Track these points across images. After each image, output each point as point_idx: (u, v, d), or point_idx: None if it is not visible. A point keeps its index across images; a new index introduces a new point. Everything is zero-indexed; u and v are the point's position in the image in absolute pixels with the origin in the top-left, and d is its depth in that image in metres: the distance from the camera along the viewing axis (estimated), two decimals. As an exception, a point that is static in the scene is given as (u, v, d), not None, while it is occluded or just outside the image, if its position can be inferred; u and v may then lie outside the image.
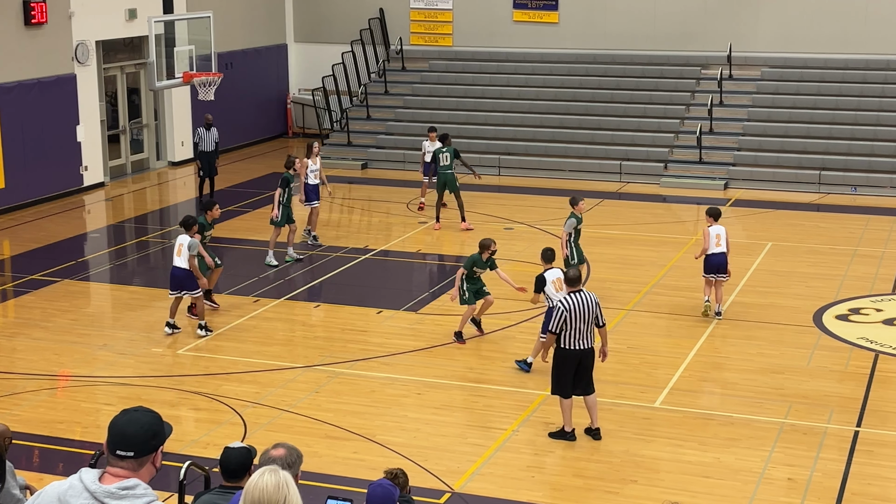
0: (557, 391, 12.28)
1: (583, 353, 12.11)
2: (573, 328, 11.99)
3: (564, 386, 12.21)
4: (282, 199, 19.15)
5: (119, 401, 13.54)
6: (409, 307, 17.26)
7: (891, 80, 27.45)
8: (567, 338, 12.04)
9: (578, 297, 12.04)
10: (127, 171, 27.47)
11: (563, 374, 12.16)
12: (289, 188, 19.28)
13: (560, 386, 12.24)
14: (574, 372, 12.15)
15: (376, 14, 31.74)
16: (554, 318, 12.07)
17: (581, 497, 11.23)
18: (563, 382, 12.21)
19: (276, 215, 19.15)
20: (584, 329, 12.03)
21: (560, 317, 11.97)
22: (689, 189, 25.37)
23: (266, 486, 4.52)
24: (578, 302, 11.99)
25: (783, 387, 13.96)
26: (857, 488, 11.26)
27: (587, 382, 12.26)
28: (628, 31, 29.74)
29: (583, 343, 12.08)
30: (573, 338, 12.03)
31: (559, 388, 12.26)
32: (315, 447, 12.09)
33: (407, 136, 28.63)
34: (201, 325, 15.89)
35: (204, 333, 15.81)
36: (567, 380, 12.17)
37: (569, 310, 11.95)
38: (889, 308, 16.97)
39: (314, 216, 20.72)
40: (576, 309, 11.95)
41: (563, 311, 11.97)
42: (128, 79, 27.46)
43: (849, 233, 21.55)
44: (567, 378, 12.16)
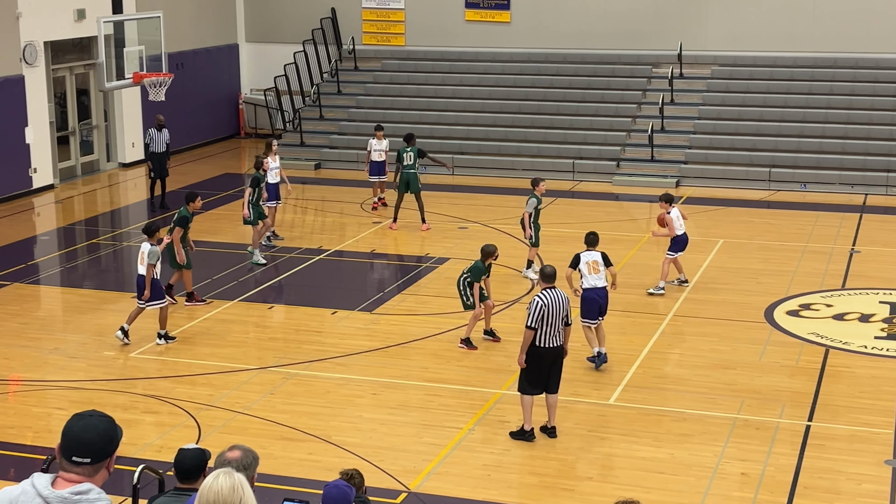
0: (524, 389, 12.22)
1: (553, 350, 12.10)
2: (547, 324, 11.98)
3: (532, 384, 12.16)
4: (251, 199, 19.14)
5: (71, 405, 13.40)
6: (363, 307, 17.23)
7: (838, 77, 27.79)
8: (540, 335, 12.01)
9: (553, 293, 12.06)
10: (77, 173, 27.19)
11: (534, 372, 12.12)
12: (259, 188, 19.28)
13: (528, 383, 12.19)
14: (547, 370, 12.12)
15: (328, 14, 31.66)
16: (532, 313, 12.00)
17: (537, 495, 11.27)
18: (531, 380, 12.17)
19: (248, 215, 19.11)
20: (556, 327, 12.03)
21: (538, 311, 11.94)
22: (642, 187, 25.54)
23: (221, 488, 4.49)
24: (553, 298, 12.00)
25: (735, 382, 14.09)
26: (809, 482, 11.39)
27: (554, 382, 12.24)
28: (580, 30, 29.87)
29: (553, 340, 12.08)
30: (545, 335, 12.02)
31: (527, 385, 12.20)
32: (270, 449, 12.04)
33: (360, 135, 28.55)
34: (160, 334, 15.55)
35: (163, 342, 15.51)
36: (536, 378, 12.14)
37: (546, 304, 11.95)
38: (839, 303, 17.18)
39: (273, 215, 20.62)
40: (551, 305, 11.96)
41: (541, 305, 11.95)
42: (77, 80, 27.18)
43: (798, 229, 21.79)
44: (536, 376, 12.13)
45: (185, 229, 16.79)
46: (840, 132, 26.30)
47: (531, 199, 18.09)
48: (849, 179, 25.08)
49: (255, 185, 19.30)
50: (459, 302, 15.47)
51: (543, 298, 11.98)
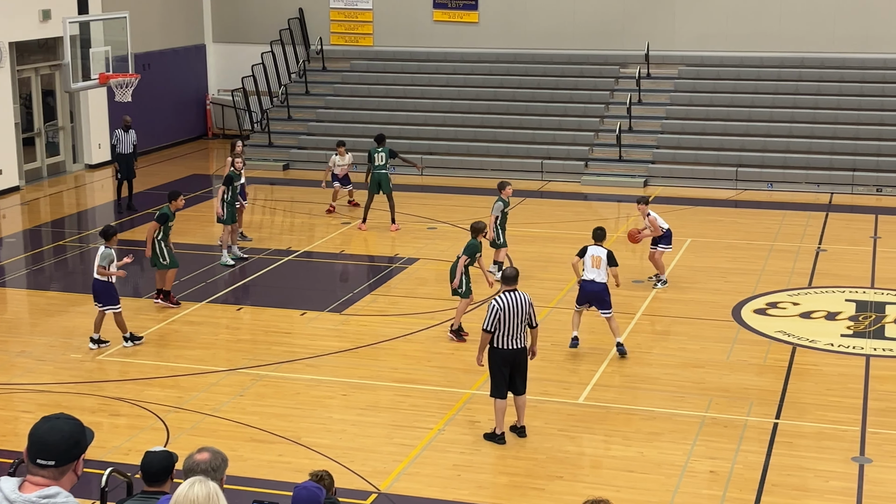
0: (494, 393, 12.22)
1: (515, 352, 12.09)
2: (506, 327, 11.97)
3: (500, 386, 12.17)
4: (225, 198, 19.07)
5: (38, 408, 13.30)
6: (333, 308, 17.20)
7: (804, 77, 27.99)
8: (500, 337, 12.01)
9: (513, 295, 12.04)
10: (43, 175, 26.99)
11: (497, 374, 12.14)
12: (232, 186, 19.21)
13: (496, 387, 12.20)
14: (510, 372, 12.13)
15: (296, 14, 31.58)
16: (487, 315, 12.02)
17: (507, 494, 11.28)
18: (498, 383, 12.17)
19: (221, 214, 19.05)
20: (517, 329, 12.01)
21: (494, 315, 11.94)
22: (610, 187, 25.62)
23: (196, 497, 4.47)
24: (512, 301, 11.98)
25: (704, 381, 14.16)
26: (777, 479, 11.46)
27: (520, 383, 12.25)
28: (548, 30, 29.94)
29: (515, 342, 12.05)
30: (506, 337, 12.01)
31: (495, 389, 12.21)
32: (240, 451, 11.99)
33: (329, 136, 28.51)
34: (125, 337, 15.39)
35: (129, 345, 15.39)
36: (502, 380, 12.14)
37: (502, 308, 11.93)
38: (806, 301, 17.30)
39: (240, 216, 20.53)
40: (509, 308, 11.94)
41: (497, 309, 11.93)
42: (42, 80, 26.98)
43: (765, 228, 21.93)
44: (502, 378, 12.14)
45: (163, 226, 16.75)
46: (806, 132, 26.49)
47: (497, 202, 18.18)
48: (815, 178, 25.27)
49: (228, 184, 19.26)
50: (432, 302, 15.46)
51: (500, 301, 11.96)
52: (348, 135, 28.40)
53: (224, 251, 19.33)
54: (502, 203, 18.14)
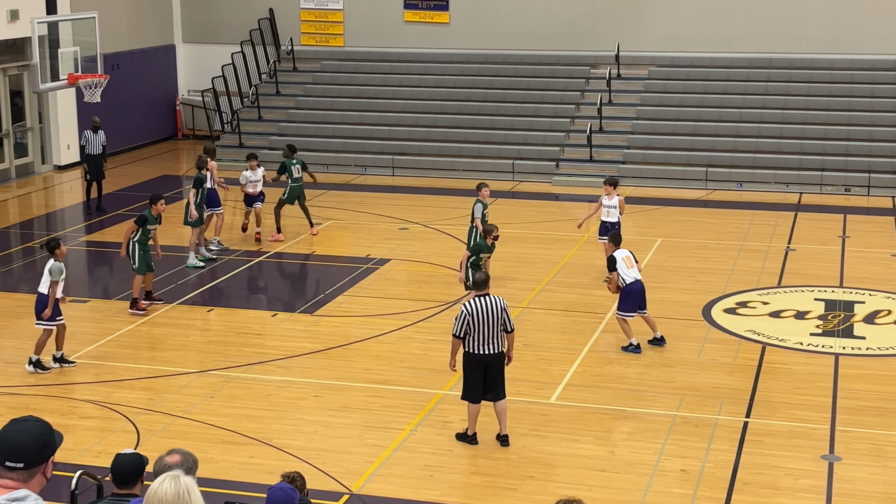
0: (465, 396, 12.16)
1: (489, 357, 11.97)
2: (478, 332, 11.86)
3: (472, 391, 12.08)
4: (196, 200, 18.98)
5: (7, 411, 13.19)
6: (304, 309, 17.15)
7: (773, 77, 28.16)
8: (472, 342, 11.92)
9: (484, 300, 11.93)
10: (11, 176, 26.78)
11: (471, 378, 12.05)
12: (202, 188, 19.11)
13: (468, 391, 12.13)
14: (483, 377, 12.03)
15: (266, 14, 31.48)
16: (456, 321, 11.95)
17: (479, 494, 11.29)
18: (470, 387, 12.09)
19: (194, 216, 18.94)
20: (491, 333, 11.89)
21: (462, 321, 11.86)
22: (581, 187, 25.68)
23: (165, 493, 4.42)
24: (484, 306, 11.87)
25: (674, 380, 14.22)
26: (748, 477, 11.52)
27: (498, 388, 12.15)
28: (518, 30, 29.98)
29: (489, 347, 11.94)
30: (479, 342, 11.90)
31: (467, 392, 12.14)
32: (211, 453, 11.94)
33: (300, 136, 28.43)
34: (31, 359, 14.42)
35: (32, 370, 14.35)
36: (475, 384, 12.05)
37: (471, 313, 11.83)
38: (775, 301, 17.40)
39: (220, 222, 20.34)
40: (478, 312, 11.83)
41: (465, 315, 11.85)
42: (10, 81, 26.77)
43: (735, 228, 22.05)
44: (475, 383, 12.04)
45: (141, 229, 16.59)
46: (775, 132, 26.66)
47: (477, 204, 18.05)
48: (784, 178, 25.43)
49: (198, 186, 19.19)
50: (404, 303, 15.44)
51: (469, 307, 11.88)
52: (319, 135, 28.39)
53: (191, 253, 19.23)
54: (482, 205, 18.01)
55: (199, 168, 19.60)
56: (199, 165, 19.66)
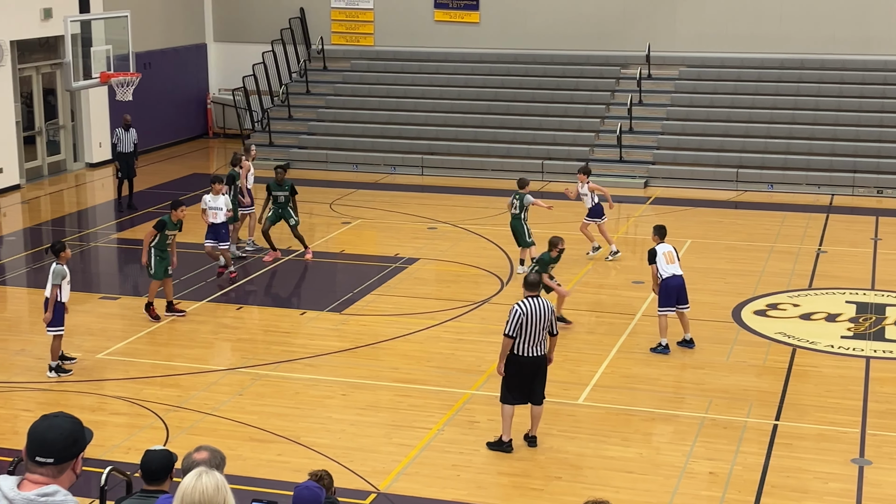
0: (504, 399, 12.01)
1: (534, 360, 11.88)
2: (528, 334, 11.74)
3: (513, 392, 11.96)
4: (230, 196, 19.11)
5: (38, 406, 13.30)
6: (332, 308, 17.19)
7: (805, 79, 27.99)
8: (520, 344, 11.79)
9: (536, 302, 11.83)
10: (43, 173, 26.99)
11: (514, 381, 11.93)
12: (235, 185, 19.17)
13: (507, 391, 11.99)
14: (527, 380, 11.92)
15: (297, 14, 31.58)
16: (510, 320, 11.74)
17: (506, 495, 11.28)
18: (511, 388, 11.96)
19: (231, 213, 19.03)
20: (538, 336, 11.79)
21: (516, 320, 11.69)
22: (610, 187, 25.47)
23: (206, 487, 4.45)
24: (535, 307, 11.76)
25: (703, 382, 14.15)
26: (777, 481, 11.46)
27: (540, 392, 12.05)
28: (548, 31, 29.94)
29: (535, 350, 11.85)
30: (527, 344, 11.78)
31: (506, 395, 12.00)
32: (239, 450, 11.99)
33: (329, 136, 28.54)
34: (50, 366, 14.29)
35: (54, 375, 14.22)
36: (516, 387, 11.93)
37: (525, 313, 11.70)
38: (806, 303, 17.30)
39: (252, 222, 20.29)
40: (532, 314, 11.72)
41: (519, 314, 11.68)
42: (43, 79, 26.98)
43: (766, 229, 21.92)
44: (516, 386, 11.92)
45: (160, 234, 16.22)
46: (807, 133, 26.49)
47: (525, 197, 18.83)
48: (815, 180, 25.27)
49: (230, 182, 19.27)
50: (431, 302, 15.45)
51: (522, 307, 11.73)
52: (349, 134, 28.44)
53: (232, 245, 19.35)
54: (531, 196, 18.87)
55: (234, 165, 19.70)
56: (234, 163, 19.77)
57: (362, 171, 27.00)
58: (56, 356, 14.35)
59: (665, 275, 15.05)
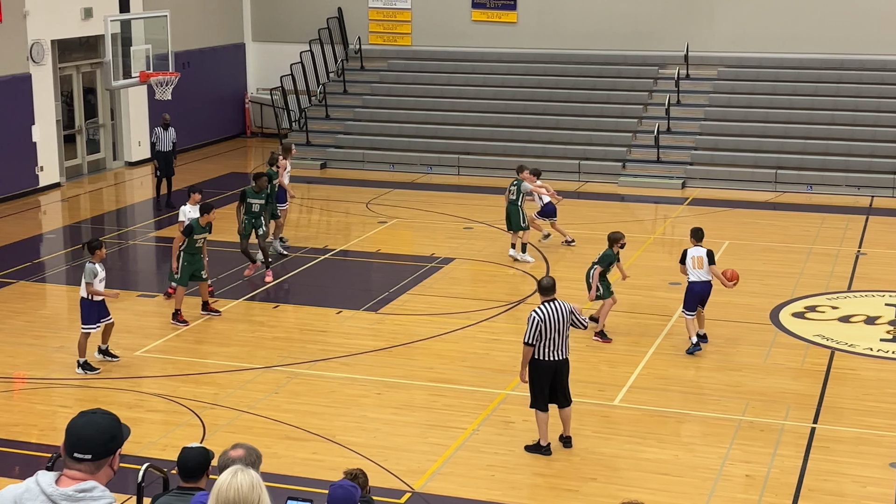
0: (535, 404, 12.03)
1: (558, 363, 11.89)
2: (548, 338, 11.75)
3: (541, 399, 11.97)
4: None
5: (76, 403, 13.42)
6: (368, 307, 17.23)
7: (845, 79, 27.75)
8: (542, 349, 11.79)
9: (553, 306, 11.82)
10: (83, 172, 27.23)
11: (539, 386, 11.94)
12: (271, 184, 19.28)
13: (537, 399, 12.01)
14: (551, 384, 11.95)
15: (335, 13, 31.67)
16: (528, 328, 11.76)
17: (541, 496, 11.26)
18: (538, 395, 11.97)
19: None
20: (559, 339, 11.79)
21: (535, 326, 11.71)
22: (647, 188, 25.51)
23: (241, 485, 4.47)
24: (553, 311, 11.76)
25: (740, 384, 14.07)
26: (814, 484, 11.37)
27: (564, 394, 12.06)
28: (586, 30, 29.85)
29: (558, 354, 11.84)
30: (549, 349, 11.79)
31: (536, 400, 12.01)
32: (274, 448, 12.04)
33: (366, 135, 28.61)
34: (79, 362, 14.40)
35: (82, 372, 14.32)
36: (543, 392, 11.95)
37: (543, 319, 11.70)
38: (844, 305, 17.15)
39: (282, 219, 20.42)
40: (550, 319, 11.72)
41: (537, 321, 11.68)
42: (84, 78, 27.21)
43: (804, 231, 21.76)
44: (543, 390, 11.94)
45: (189, 239, 16.12)
46: (846, 134, 26.26)
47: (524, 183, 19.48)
48: (855, 181, 25.05)
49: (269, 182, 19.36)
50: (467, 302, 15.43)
51: (540, 313, 11.75)
52: (385, 134, 28.48)
53: (276, 241, 19.42)
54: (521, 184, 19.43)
55: (271, 165, 19.78)
56: (271, 162, 19.85)
57: (399, 171, 27.05)
58: (83, 353, 14.42)
59: (691, 278, 15.13)
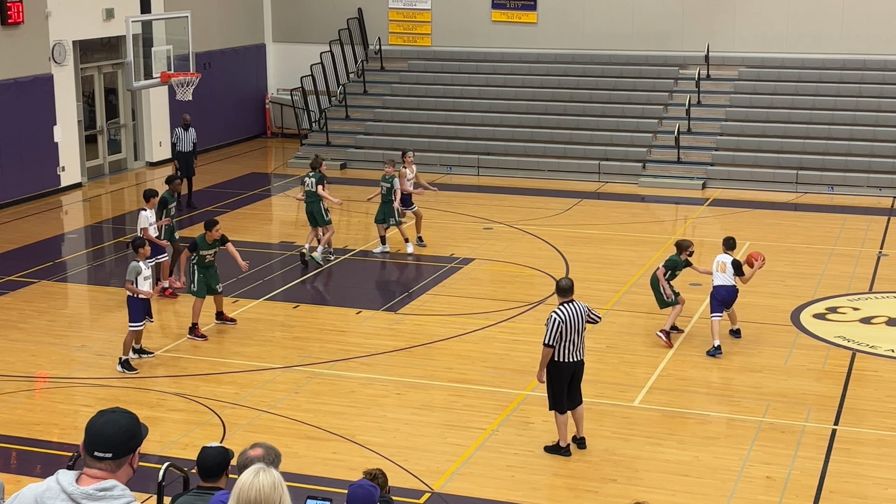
0: (555, 406, 12.02)
1: (576, 365, 11.89)
2: (568, 340, 11.75)
3: (560, 401, 11.97)
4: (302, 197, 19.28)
5: (97, 402, 13.48)
6: (388, 307, 17.24)
7: (867, 79, 27.61)
8: (562, 350, 11.79)
9: (572, 307, 11.81)
10: (104, 172, 27.34)
11: (559, 387, 11.93)
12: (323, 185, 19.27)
13: (556, 401, 12.00)
14: (568, 384, 11.95)
15: (355, 14, 31.71)
16: (550, 330, 11.73)
17: (560, 496, 11.24)
18: (558, 397, 11.97)
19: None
20: (577, 340, 11.80)
21: (556, 327, 11.69)
22: (668, 189, 25.44)
23: (262, 485, 4.48)
24: (571, 313, 11.76)
25: (761, 385, 14.01)
26: (835, 486, 11.32)
27: (579, 394, 12.07)
28: (606, 31, 29.80)
29: (576, 355, 11.85)
30: (568, 350, 11.79)
31: (556, 403, 12.00)
32: (294, 448, 12.06)
33: (386, 136, 28.63)
34: (120, 359, 14.57)
35: (121, 370, 14.44)
36: (562, 394, 11.95)
37: (564, 321, 11.70)
38: (866, 307, 17.06)
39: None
40: (570, 320, 11.71)
41: (558, 322, 11.67)
42: (105, 79, 27.33)
43: (826, 232, 21.66)
44: (562, 392, 11.94)
45: (195, 255, 15.80)
46: (868, 135, 26.12)
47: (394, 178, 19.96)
48: (877, 182, 24.92)
49: (321, 182, 19.40)
50: (486, 303, 15.38)
51: (560, 314, 11.72)
52: (405, 134, 28.49)
53: (320, 248, 19.39)
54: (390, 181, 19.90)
55: (314, 168, 19.74)
56: (314, 165, 19.81)
57: (419, 171, 26.97)
58: (127, 350, 14.61)
59: (715, 282, 15.26)
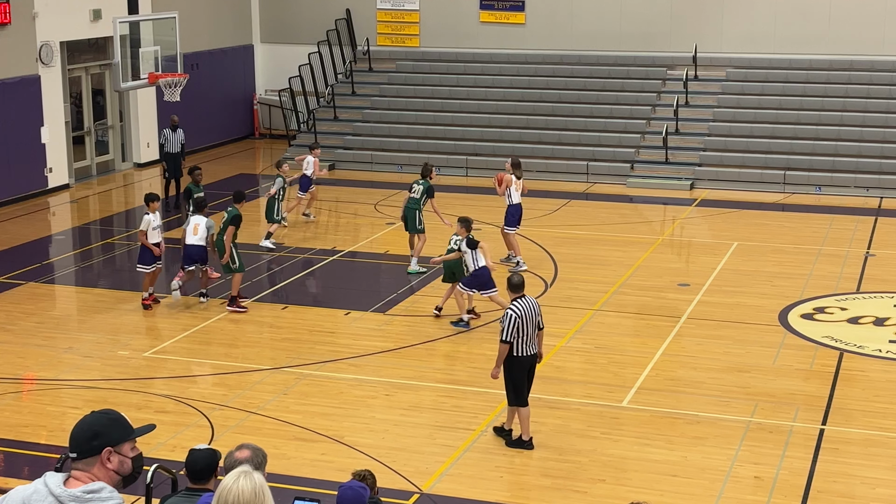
0: (516, 402, 12.09)
1: (531, 357, 12.03)
2: (524, 333, 11.87)
3: (521, 395, 12.05)
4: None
5: (85, 404, 13.44)
6: (377, 308, 17.23)
7: (854, 80, 27.69)
8: (520, 345, 11.90)
9: (526, 302, 11.98)
10: (92, 173, 27.28)
11: (519, 382, 12.02)
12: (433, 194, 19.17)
13: (518, 395, 12.07)
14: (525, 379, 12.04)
15: (343, 15, 31.69)
16: (506, 326, 11.84)
17: (549, 497, 11.25)
18: (519, 391, 12.05)
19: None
20: (532, 334, 11.95)
21: (513, 323, 11.80)
22: (656, 189, 25.48)
23: (242, 491, 4.36)
24: (525, 308, 11.91)
25: (749, 385, 14.04)
26: (823, 486, 11.35)
27: (529, 389, 12.16)
28: (594, 31, 29.83)
29: (531, 349, 11.98)
30: (525, 344, 11.91)
31: (517, 398, 12.08)
32: (283, 449, 12.05)
33: (374, 136, 28.62)
34: (202, 292, 17.27)
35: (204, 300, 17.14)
36: (523, 387, 12.04)
37: (520, 315, 11.83)
38: (853, 307, 17.12)
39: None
40: (525, 315, 11.85)
41: (514, 317, 11.80)
42: (92, 80, 27.27)
43: (813, 232, 21.72)
44: (522, 385, 12.04)
45: (237, 227, 17.07)
46: (855, 135, 26.20)
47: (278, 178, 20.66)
48: (864, 182, 24.99)
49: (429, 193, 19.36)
50: (477, 303, 15.35)
51: (517, 309, 11.85)
52: (393, 135, 28.48)
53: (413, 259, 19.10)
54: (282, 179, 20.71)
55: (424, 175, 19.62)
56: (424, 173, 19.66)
57: (407, 172, 27.01)
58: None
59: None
